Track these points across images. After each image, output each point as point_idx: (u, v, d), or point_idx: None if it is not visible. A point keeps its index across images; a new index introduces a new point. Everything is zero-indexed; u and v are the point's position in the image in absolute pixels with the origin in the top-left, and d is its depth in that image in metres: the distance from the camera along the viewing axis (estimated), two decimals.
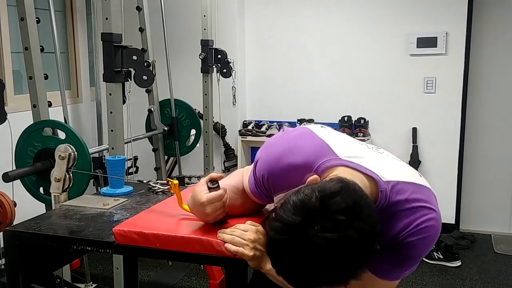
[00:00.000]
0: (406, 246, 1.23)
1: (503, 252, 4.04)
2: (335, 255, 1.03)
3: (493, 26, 4.24)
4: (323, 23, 4.46)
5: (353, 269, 1.07)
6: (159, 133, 3.80)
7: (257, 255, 1.28)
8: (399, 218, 1.24)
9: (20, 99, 3.54)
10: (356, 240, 1.04)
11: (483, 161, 4.41)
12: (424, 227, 1.23)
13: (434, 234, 1.25)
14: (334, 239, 1.02)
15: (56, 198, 1.81)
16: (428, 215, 1.25)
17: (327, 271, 1.05)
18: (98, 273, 3.62)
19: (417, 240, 1.23)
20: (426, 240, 1.24)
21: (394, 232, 1.24)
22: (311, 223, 1.03)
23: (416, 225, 1.23)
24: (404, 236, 1.23)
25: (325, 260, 1.03)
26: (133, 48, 2.70)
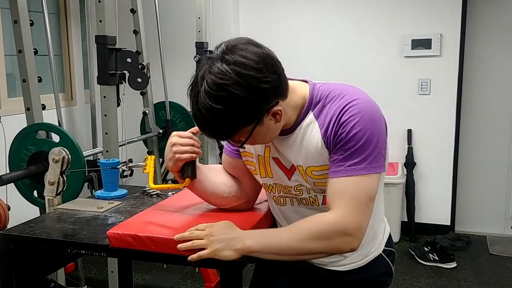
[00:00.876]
0: (343, 127, 1.26)
1: (498, 253, 4.04)
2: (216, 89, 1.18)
3: (487, 28, 4.25)
4: (317, 25, 4.47)
5: (252, 102, 1.19)
6: (154, 136, 3.80)
7: (221, 246, 1.26)
8: (329, 107, 1.32)
9: (13, 102, 3.52)
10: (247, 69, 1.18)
11: (478, 162, 4.42)
12: (352, 105, 1.27)
13: (366, 110, 1.28)
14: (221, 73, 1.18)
15: (50, 202, 1.80)
16: (353, 96, 1.30)
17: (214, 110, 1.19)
18: (92, 277, 3.60)
19: (350, 117, 1.26)
20: (360, 116, 1.26)
21: (328, 119, 1.30)
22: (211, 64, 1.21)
23: (343, 105, 1.28)
24: (337, 119, 1.28)
25: (211, 95, 1.19)
26: (127, 51, 2.70)
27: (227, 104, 1.18)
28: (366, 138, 1.26)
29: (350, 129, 1.26)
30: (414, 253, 3.95)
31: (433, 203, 4.36)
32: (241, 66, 1.18)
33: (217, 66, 1.20)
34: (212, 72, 1.20)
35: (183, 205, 1.61)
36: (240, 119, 1.22)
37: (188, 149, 1.40)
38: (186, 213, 1.55)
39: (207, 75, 1.20)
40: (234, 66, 1.18)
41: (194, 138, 1.43)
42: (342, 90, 1.33)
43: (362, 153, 1.26)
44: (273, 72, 1.23)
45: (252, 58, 1.20)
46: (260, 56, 1.22)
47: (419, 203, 4.38)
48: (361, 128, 1.25)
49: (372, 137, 1.26)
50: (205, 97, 1.20)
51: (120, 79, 2.72)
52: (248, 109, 1.21)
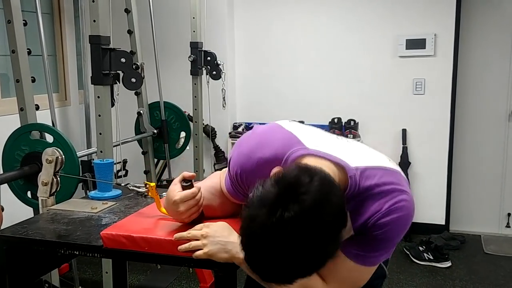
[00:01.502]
0: (378, 228, 1.21)
1: (492, 252, 4.06)
2: (305, 236, 1.02)
3: (481, 28, 4.26)
4: (312, 25, 4.47)
5: (326, 252, 1.07)
6: (149, 136, 3.79)
7: (216, 248, 1.26)
8: (370, 202, 1.23)
9: (7, 102, 3.51)
10: (325, 219, 1.03)
11: (473, 162, 4.43)
12: (396, 208, 1.21)
13: (407, 214, 1.23)
14: (298, 218, 1.01)
15: (44, 202, 1.79)
16: (399, 196, 1.23)
17: (299, 256, 1.03)
18: (87, 278, 3.59)
19: (390, 220, 1.21)
20: (399, 220, 1.22)
21: (366, 216, 1.22)
22: (275, 209, 1.02)
23: (388, 206, 1.21)
24: (377, 218, 1.21)
25: (296, 244, 1.02)
26: (122, 51, 2.69)
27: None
28: (394, 241, 1.25)
29: (384, 233, 1.22)
30: (409, 252, 3.96)
31: (427, 203, 4.37)
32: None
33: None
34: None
35: None
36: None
37: (195, 210, 1.37)
38: None
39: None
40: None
41: (196, 196, 1.36)
42: (383, 187, 1.24)
43: (382, 251, 1.26)
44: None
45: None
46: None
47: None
48: (395, 234, 1.24)
49: (397, 240, 1.26)
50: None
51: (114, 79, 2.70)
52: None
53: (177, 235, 1.29)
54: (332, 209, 1.06)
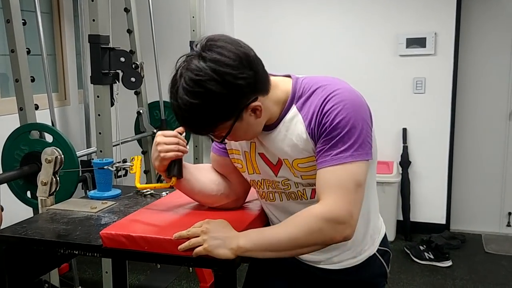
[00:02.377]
0: (327, 115, 1.27)
1: (493, 251, 4.05)
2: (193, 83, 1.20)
3: (481, 26, 4.26)
4: (312, 24, 4.46)
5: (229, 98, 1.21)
6: (148, 136, 3.78)
7: (216, 243, 1.26)
8: (312, 98, 1.32)
9: (6, 102, 3.50)
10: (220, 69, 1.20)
11: (473, 161, 4.43)
12: (334, 95, 1.29)
13: (349, 98, 1.29)
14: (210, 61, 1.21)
15: (43, 202, 1.79)
16: (336, 86, 1.32)
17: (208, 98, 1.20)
18: (87, 277, 3.59)
19: (334, 105, 1.27)
20: (343, 104, 1.27)
21: (312, 109, 1.31)
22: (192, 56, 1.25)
23: (326, 94, 1.30)
24: (320, 109, 1.29)
25: (188, 90, 1.20)
26: (121, 50, 2.69)
27: (204, 100, 1.21)
28: (350, 125, 1.26)
29: (334, 118, 1.26)
30: (409, 252, 3.96)
31: (428, 202, 4.37)
32: (217, 63, 1.21)
33: (194, 63, 1.23)
34: (189, 69, 1.22)
35: (176, 205, 1.60)
36: (217, 114, 1.24)
37: (173, 147, 1.42)
38: (179, 212, 1.54)
39: (185, 72, 1.23)
40: (210, 63, 1.21)
41: (179, 136, 1.44)
42: (324, 81, 1.35)
43: (347, 141, 1.26)
44: (249, 69, 1.24)
45: (229, 56, 1.22)
46: (237, 53, 1.23)
47: (414, 202, 4.38)
48: (345, 116, 1.26)
49: (356, 124, 1.27)
50: (183, 93, 1.22)
51: (114, 78, 2.71)
52: (224, 105, 1.23)
53: (177, 234, 1.29)
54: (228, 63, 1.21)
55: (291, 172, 1.38)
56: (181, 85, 1.22)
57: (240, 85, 1.22)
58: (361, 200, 1.29)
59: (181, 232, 1.29)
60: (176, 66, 1.27)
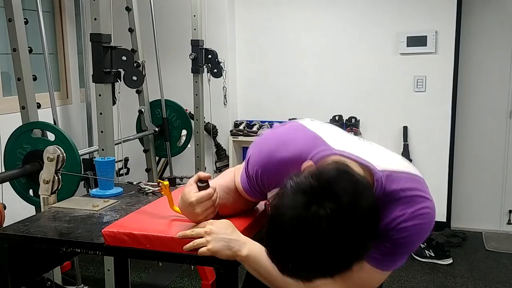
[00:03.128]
0: (399, 232, 1.20)
1: (494, 249, 4.06)
2: (337, 235, 1.00)
3: (482, 24, 4.26)
4: (313, 23, 4.46)
5: (355, 253, 1.06)
6: (150, 134, 3.79)
7: (219, 245, 1.26)
8: (394, 206, 1.21)
9: (8, 100, 3.51)
10: (359, 221, 1.02)
11: (474, 159, 4.43)
12: (419, 214, 1.20)
13: (429, 222, 1.22)
14: (333, 217, 1.00)
15: (45, 200, 1.79)
16: (423, 203, 1.22)
17: (328, 254, 1.02)
18: (89, 275, 3.60)
19: (411, 226, 1.19)
20: (421, 227, 1.21)
21: (388, 219, 1.20)
22: (311, 202, 1.01)
23: (411, 212, 1.20)
24: (399, 222, 1.20)
25: (327, 242, 1.00)
26: (123, 49, 2.69)
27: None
28: (412, 247, 1.24)
29: (404, 238, 1.20)
30: None
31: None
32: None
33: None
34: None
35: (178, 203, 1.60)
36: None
37: (211, 211, 1.36)
38: None
39: None
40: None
41: (212, 197, 1.35)
42: (410, 190, 1.23)
43: (399, 256, 1.25)
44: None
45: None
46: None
47: None
48: (414, 240, 1.22)
49: (415, 247, 1.25)
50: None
51: (116, 77, 2.71)
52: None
53: (181, 234, 1.30)
54: (366, 210, 1.05)
55: None
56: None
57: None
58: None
59: (185, 231, 1.30)
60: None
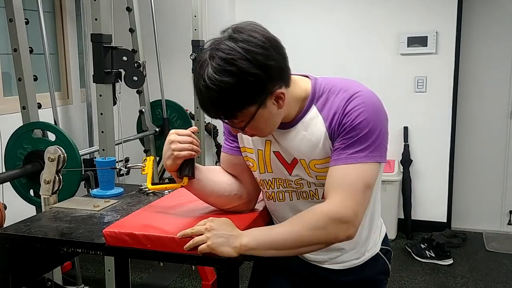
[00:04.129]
0: (348, 115, 1.29)
1: (494, 250, 4.06)
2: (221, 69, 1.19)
3: (482, 25, 4.26)
4: (314, 24, 4.46)
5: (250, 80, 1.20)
6: (151, 134, 3.79)
7: (219, 241, 1.26)
8: (334, 97, 1.34)
9: (9, 101, 3.52)
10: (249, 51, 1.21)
11: (474, 159, 4.43)
12: (356, 95, 1.31)
13: (370, 101, 1.32)
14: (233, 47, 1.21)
15: (46, 200, 1.80)
16: (357, 88, 1.34)
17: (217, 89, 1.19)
18: (90, 275, 3.60)
19: (355, 105, 1.29)
20: (364, 106, 1.29)
21: (333, 110, 1.32)
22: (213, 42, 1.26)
23: (348, 96, 1.32)
24: (343, 108, 1.31)
25: (214, 74, 1.19)
26: (123, 49, 2.69)
27: (235, 79, 1.20)
28: (369, 127, 1.28)
29: (355, 118, 1.28)
30: (410, 250, 3.96)
31: (429, 200, 4.37)
32: (249, 43, 1.22)
33: (225, 44, 1.22)
34: (220, 49, 1.22)
35: (178, 204, 1.61)
36: (245, 96, 1.23)
37: (187, 146, 1.38)
38: (181, 211, 1.55)
39: (215, 52, 1.22)
40: (242, 43, 1.21)
41: (193, 136, 1.41)
42: (345, 83, 1.37)
43: (365, 142, 1.28)
44: (278, 53, 1.26)
45: (259, 38, 1.24)
46: (267, 37, 1.26)
47: (415, 200, 4.39)
48: (365, 117, 1.28)
49: (375, 127, 1.29)
50: (213, 72, 1.21)
51: (116, 77, 2.71)
52: (254, 86, 1.22)
53: (181, 233, 1.30)
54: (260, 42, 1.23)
55: (306, 172, 1.38)
56: (210, 65, 1.21)
57: (270, 66, 1.23)
58: (367, 201, 1.30)
59: (185, 230, 1.30)
60: (204, 50, 1.26)
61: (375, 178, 1.31)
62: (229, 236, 1.26)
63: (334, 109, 1.32)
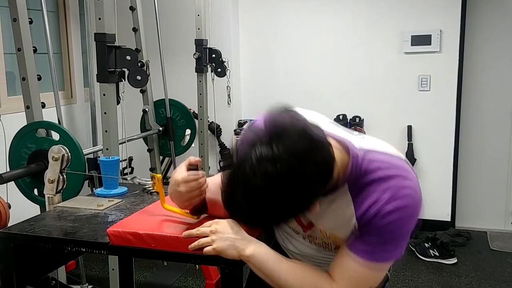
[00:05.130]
0: (381, 217, 1.15)
1: (498, 249, 4.05)
2: (278, 178, 1.04)
3: (486, 23, 4.25)
4: (317, 22, 4.46)
5: (297, 201, 1.08)
6: (154, 133, 3.79)
7: (224, 244, 1.25)
8: (372, 187, 1.17)
9: (13, 100, 3.52)
10: (303, 167, 1.04)
11: (478, 158, 4.42)
12: (399, 195, 1.15)
13: (412, 204, 1.16)
14: (279, 158, 1.03)
15: (50, 200, 1.80)
16: (403, 182, 1.17)
17: (271, 197, 1.06)
18: (94, 275, 3.61)
19: (393, 209, 1.14)
20: (404, 210, 1.15)
21: (368, 202, 1.16)
22: (251, 149, 1.06)
23: (390, 192, 1.15)
24: (379, 206, 1.15)
25: (261, 190, 1.05)
26: (127, 48, 2.69)
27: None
28: (400, 236, 1.19)
29: (389, 224, 1.16)
30: (414, 249, 3.96)
31: (433, 199, 4.36)
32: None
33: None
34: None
35: None
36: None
37: (196, 194, 1.34)
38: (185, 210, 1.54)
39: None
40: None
41: (199, 179, 1.34)
42: (389, 170, 1.18)
43: (390, 245, 1.21)
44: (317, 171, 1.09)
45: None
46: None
47: None
48: (400, 226, 1.17)
49: (406, 235, 1.20)
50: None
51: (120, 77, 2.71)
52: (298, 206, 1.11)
53: (186, 233, 1.29)
54: (317, 161, 1.06)
55: (322, 236, 1.33)
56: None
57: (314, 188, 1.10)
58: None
59: (190, 230, 1.30)
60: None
61: (383, 275, 1.29)
62: (235, 240, 1.26)
63: (369, 202, 1.16)
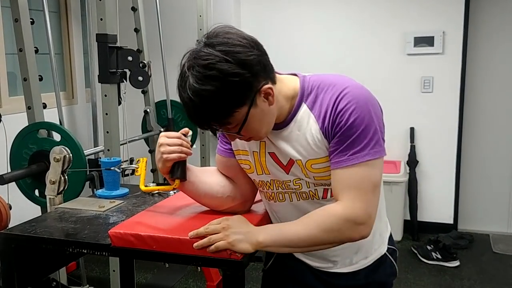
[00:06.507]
0: (341, 115, 1.26)
1: (501, 251, 4.03)
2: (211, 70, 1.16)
3: (489, 25, 4.24)
4: (319, 23, 4.45)
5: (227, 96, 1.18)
6: (156, 134, 3.78)
7: (238, 238, 1.26)
8: (324, 95, 1.30)
9: (14, 101, 3.52)
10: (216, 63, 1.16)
11: (481, 160, 4.40)
12: (347, 93, 1.27)
13: (360, 94, 1.28)
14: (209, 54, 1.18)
15: (51, 201, 1.79)
16: (344, 84, 1.30)
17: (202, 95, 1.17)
18: (94, 276, 3.60)
19: (347, 104, 1.25)
20: (358, 100, 1.26)
21: (324, 108, 1.29)
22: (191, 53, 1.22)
23: (339, 92, 1.27)
24: (334, 107, 1.27)
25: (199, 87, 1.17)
26: (128, 49, 2.69)
27: (218, 83, 1.17)
28: (365, 124, 1.25)
29: (348, 117, 1.25)
30: (417, 251, 3.94)
31: (436, 202, 4.35)
32: (226, 45, 1.19)
33: (202, 51, 1.20)
34: (198, 57, 1.19)
35: (184, 204, 1.60)
36: (233, 98, 1.20)
37: (176, 149, 1.39)
38: (187, 212, 1.54)
39: (193, 62, 1.19)
40: (219, 46, 1.19)
41: (182, 138, 1.41)
42: (332, 79, 1.33)
43: (363, 139, 1.25)
44: (258, 49, 1.23)
45: (235, 38, 1.21)
46: (243, 36, 1.24)
47: (421, 201, 4.37)
48: (359, 114, 1.25)
49: (370, 122, 1.26)
50: (194, 81, 1.18)
51: (121, 77, 2.71)
52: (239, 86, 1.19)
53: (193, 233, 1.29)
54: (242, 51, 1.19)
55: (302, 172, 1.36)
56: (191, 76, 1.18)
57: (252, 62, 1.20)
58: (377, 199, 1.30)
59: (197, 230, 1.29)
60: (182, 62, 1.23)
61: (381, 174, 1.31)
62: (247, 233, 1.28)
63: (325, 107, 1.29)
